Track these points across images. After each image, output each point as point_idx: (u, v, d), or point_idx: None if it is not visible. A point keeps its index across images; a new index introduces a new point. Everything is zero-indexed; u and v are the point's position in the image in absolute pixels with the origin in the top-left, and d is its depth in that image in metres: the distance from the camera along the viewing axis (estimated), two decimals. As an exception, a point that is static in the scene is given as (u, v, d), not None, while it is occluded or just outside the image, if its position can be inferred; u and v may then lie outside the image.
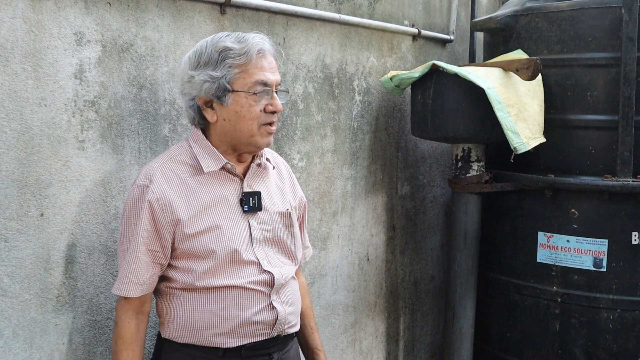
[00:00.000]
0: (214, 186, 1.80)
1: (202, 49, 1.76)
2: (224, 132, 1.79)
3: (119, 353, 1.77)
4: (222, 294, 1.77)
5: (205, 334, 1.78)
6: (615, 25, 2.74)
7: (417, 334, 3.61)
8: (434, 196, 3.59)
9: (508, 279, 3.08)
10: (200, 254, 1.75)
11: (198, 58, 1.75)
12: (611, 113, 2.77)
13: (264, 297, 1.81)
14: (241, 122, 1.75)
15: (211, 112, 1.77)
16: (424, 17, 3.38)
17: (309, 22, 2.64)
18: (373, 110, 3.07)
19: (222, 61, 1.72)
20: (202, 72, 1.73)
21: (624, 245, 2.77)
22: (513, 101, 2.73)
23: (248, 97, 1.74)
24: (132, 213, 1.74)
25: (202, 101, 1.77)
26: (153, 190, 1.72)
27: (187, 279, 1.76)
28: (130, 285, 1.74)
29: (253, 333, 1.80)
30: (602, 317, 2.81)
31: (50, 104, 1.80)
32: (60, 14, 1.81)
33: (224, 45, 1.73)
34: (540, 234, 2.94)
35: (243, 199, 1.82)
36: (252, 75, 1.73)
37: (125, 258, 1.74)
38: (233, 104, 1.74)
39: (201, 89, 1.74)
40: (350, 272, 3.04)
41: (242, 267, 1.79)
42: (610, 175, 2.76)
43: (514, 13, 3.04)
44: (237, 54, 1.72)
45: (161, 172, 1.75)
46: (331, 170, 2.85)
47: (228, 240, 1.77)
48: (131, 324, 1.77)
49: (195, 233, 1.74)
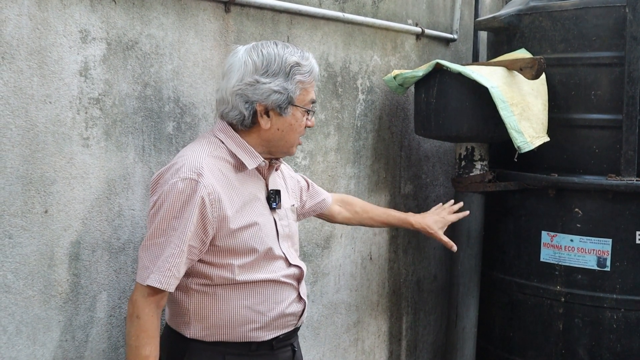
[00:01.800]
0: (248, 184, 1.86)
1: (271, 58, 1.80)
2: (270, 139, 1.87)
3: (141, 348, 1.72)
4: (259, 288, 1.84)
5: (243, 330, 1.83)
6: (619, 25, 2.74)
7: (420, 334, 3.61)
8: (437, 195, 3.59)
9: (511, 278, 3.08)
10: (242, 250, 1.80)
11: (267, 66, 1.80)
12: (615, 112, 2.76)
13: (294, 290, 1.94)
14: (291, 133, 1.87)
15: (266, 119, 1.83)
16: (427, 16, 3.38)
17: (313, 21, 2.65)
18: (376, 109, 3.07)
19: (292, 75, 1.81)
20: (274, 82, 1.79)
21: (628, 245, 2.77)
22: (517, 100, 2.73)
23: (303, 113, 1.87)
24: (176, 206, 1.71)
25: (261, 107, 1.82)
26: (205, 184, 1.72)
27: (226, 274, 1.79)
28: (172, 279, 1.71)
29: (285, 325, 1.91)
30: (605, 317, 2.80)
31: (55, 101, 1.81)
32: (66, 12, 1.81)
33: (295, 60, 1.81)
34: (543, 233, 2.94)
35: (270, 197, 1.91)
36: (309, 93, 1.87)
37: (165, 251, 1.71)
38: (291, 117, 1.85)
39: (268, 97, 1.80)
40: (353, 271, 3.04)
41: (273, 262, 1.88)
42: (614, 174, 2.76)
43: (517, 12, 3.03)
44: (305, 71, 1.83)
45: (207, 166, 1.75)
46: (334, 169, 2.85)
47: (265, 236, 1.85)
48: (155, 318, 1.75)
49: (238, 229, 1.78)
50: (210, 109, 2.26)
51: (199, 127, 2.22)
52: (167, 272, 1.71)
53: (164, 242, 1.71)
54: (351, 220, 2.47)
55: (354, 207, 2.47)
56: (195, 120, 2.21)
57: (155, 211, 1.75)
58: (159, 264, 1.71)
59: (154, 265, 1.71)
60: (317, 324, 2.85)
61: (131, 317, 1.74)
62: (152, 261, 1.72)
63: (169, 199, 1.72)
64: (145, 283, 1.71)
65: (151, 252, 1.73)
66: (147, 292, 1.73)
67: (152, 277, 1.70)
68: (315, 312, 2.83)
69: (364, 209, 2.48)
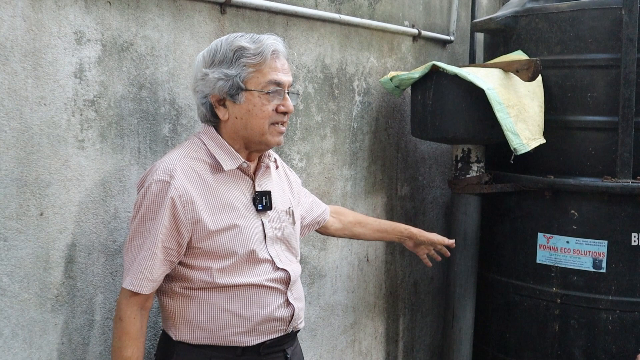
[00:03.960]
0: (229, 185, 1.82)
1: (217, 48, 1.78)
2: (235, 130, 1.81)
3: (124, 349, 1.74)
4: (241, 292, 1.80)
5: (225, 334, 1.80)
6: (615, 27, 2.74)
7: (417, 335, 3.61)
8: (433, 197, 3.59)
9: (507, 279, 3.08)
10: (220, 253, 1.77)
11: (212, 56, 1.78)
12: (611, 114, 2.77)
13: (281, 294, 1.87)
14: (253, 120, 1.79)
15: (223, 109, 1.80)
16: (424, 18, 3.38)
17: (309, 23, 2.65)
18: (373, 111, 3.07)
19: (237, 60, 1.76)
20: (217, 70, 1.76)
21: (624, 247, 2.77)
22: (513, 102, 2.73)
23: (261, 97, 1.78)
24: (150, 208, 1.72)
25: (214, 99, 1.79)
26: (176, 186, 1.72)
27: (205, 277, 1.77)
28: (144, 282, 1.72)
29: (272, 330, 1.86)
30: (601, 319, 2.81)
31: (50, 103, 1.80)
32: (60, 13, 1.81)
33: (239, 44, 1.76)
34: (539, 235, 2.94)
35: (256, 198, 1.86)
36: (266, 75, 1.77)
37: (140, 253, 1.72)
38: (246, 102, 1.78)
39: (215, 86, 1.77)
40: (349, 272, 3.04)
41: (257, 265, 1.83)
42: (610, 176, 2.77)
43: (514, 14, 3.04)
44: (252, 53, 1.76)
45: (181, 168, 1.75)
46: (331, 170, 2.85)
47: (246, 239, 1.80)
48: (137, 320, 1.75)
49: (215, 231, 1.76)
50: (206, 111, 2.26)
51: (194, 129, 2.21)
52: (139, 274, 1.72)
53: (140, 244, 1.73)
54: (344, 231, 2.42)
55: (347, 217, 2.43)
56: (192, 122, 2.20)
57: (134, 214, 1.77)
58: (134, 267, 1.73)
59: (131, 267, 1.74)
60: (314, 326, 2.85)
61: (115, 319, 1.77)
62: (130, 263, 1.74)
63: (145, 202, 1.73)
64: (122, 285, 1.75)
65: (130, 255, 1.75)
66: (128, 294, 1.74)
67: (127, 279, 1.73)
68: (312, 313, 2.82)
69: (357, 220, 2.45)
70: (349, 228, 2.43)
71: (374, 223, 2.49)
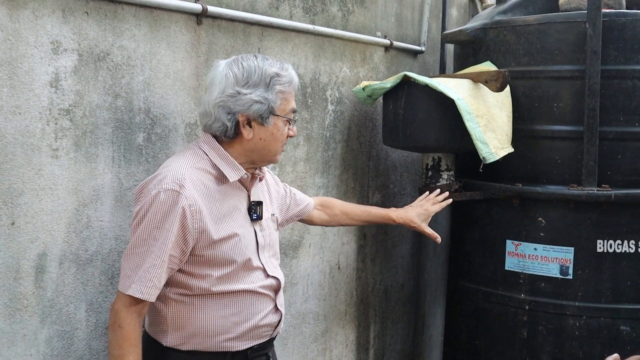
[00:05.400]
0: (230, 195, 1.89)
1: (252, 69, 1.85)
2: (254, 149, 1.90)
3: (125, 356, 1.74)
4: (235, 298, 1.86)
5: (218, 340, 1.85)
6: (580, 39, 2.81)
7: (387, 342, 3.64)
8: (404, 204, 3.61)
9: (477, 286, 3.13)
10: (221, 261, 1.83)
11: (247, 77, 1.84)
12: (576, 124, 2.83)
13: (271, 301, 1.97)
14: (273, 142, 1.91)
15: (249, 129, 1.87)
16: (396, 29, 3.43)
17: (284, 33, 2.67)
18: (345, 120, 3.10)
19: (273, 86, 1.85)
20: (254, 92, 1.83)
21: (590, 253, 2.83)
22: (482, 112, 2.78)
23: (284, 122, 1.91)
24: (157, 216, 1.74)
25: (243, 118, 1.85)
26: (186, 195, 1.75)
27: (203, 284, 1.82)
28: (152, 290, 1.74)
29: (260, 335, 1.93)
30: (568, 324, 2.86)
31: (24, 112, 1.79)
32: (38, 23, 1.80)
33: (275, 71, 1.86)
34: (508, 242, 2.99)
35: (252, 208, 1.93)
36: (290, 103, 1.91)
37: (146, 261, 1.73)
38: (272, 126, 1.89)
39: (249, 107, 1.84)
40: (321, 280, 3.06)
41: (251, 273, 1.90)
42: (576, 184, 2.82)
43: (483, 26, 3.10)
44: (284, 81, 1.88)
45: (189, 178, 1.78)
46: (303, 179, 2.87)
47: (244, 248, 1.87)
48: (137, 327, 1.77)
49: (218, 240, 1.81)
50: (181, 120, 2.26)
51: (169, 138, 2.22)
52: (148, 282, 1.73)
53: (146, 251, 1.74)
54: (330, 222, 2.52)
55: (333, 210, 2.50)
56: (166, 131, 2.21)
57: (138, 221, 1.77)
58: (140, 274, 1.73)
59: (135, 275, 1.74)
60: (285, 334, 2.85)
61: (113, 326, 1.76)
62: (134, 270, 1.74)
63: (151, 210, 1.75)
64: (127, 292, 1.74)
65: (133, 262, 1.75)
66: (129, 302, 1.75)
67: (133, 286, 1.73)
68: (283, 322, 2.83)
69: (343, 211, 2.52)
70: (335, 220, 2.53)
71: (362, 215, 2.58)
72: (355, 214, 2.55)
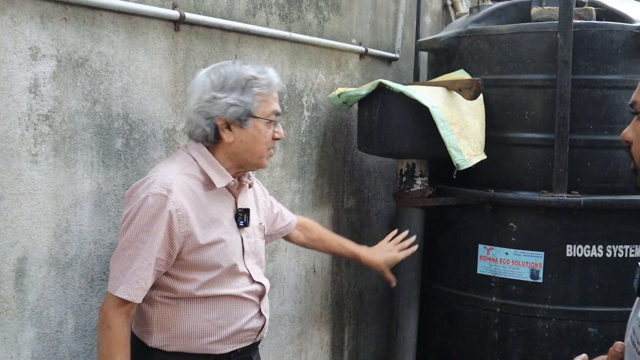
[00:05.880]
0: (217, 201, 1.91)
1: (227, 74, 1.88)
2: (236, 153, 1.92)
3: (114, 356, 1.78)
4: (220, 302, 1.89)
5: (202, 342, 1.88)
6: (551, 49, 2.87)
7: (362, 344, 3.68)
8: (378, 209, 3.67)
9: (450, 290, 3.18)
10: (206, 266, 1.86)
11: (223, 82, 1.87)
12: (547, 132, 2.89)
13: (255, 306, 1.99)
14: (256, 145, 1.92)
15: (229, 133, 1.89)
16: (371, 36, 3.47)
17: (260, 40, 2.69)
18: (321, 126, 3.13)
19: (249, 88, 1.87)
20: (229, 96, 1.85)
21: (559, 258, 2.89)
22: (456, 119, 2.83)
23: (265, 124, 1.91)
24: (144, 219, 1.77)
25: (222, 122, 1.88)
26: (173, 200, 1.78)
27: (188, 288, 1.85)
28: (139, 291, 1.78)
29: (243, 339, 1.96)
30: (538, 327, 2.92)
31: (4, 117, 1.79)
32: (16, 29, 1.81)
33: (251, 74, 1.88)
34: (480, 246, 3.04)
35: (238, 215, 1.96)
36: (270, 105, 1.92)
37: (133, 263, 1.77)
38: (252, 128, 1.90)
39: (226, 111, 1.86)
40: (297, 283, 3.09)
41: (236, 278, 1.93)
42: (547, 190, 2.88)
43: (457, 34, 3.15)
44: (262, 83, 1.89)
45: (177, 183, 1.81)
46: (279, 184, 2.90)
47: (230, 253, 1.90)
48: (125, 327, 1.81)
49: (204, 245, 1.84)
50: (159, 126, 2.28)
51: (147, 144, 2.23)
52: (135, 284, 1.77)
53: (133, 254, 1.78)
54: (305, 244, 2.54)
55: (312, 235, 2.52)
56: (144, 136, 2.22)
57: (127, 224, 1.81)
58: (127, 276, 1.77)
59: (123, 277, 1.78)
60: (262, 337, 2.88)
61: (102, 327, 1.80)
62: (122, 272, 1.78)
63: (139, 213, 1.78)
64: (114, 294, 1.78)
65: (121, 264, 1.79)
66: (118, 303, 1.79)
67: (121, 288, 1.77)
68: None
69: (320, 238, 2.53)
70: (311, 244, 2.54)
71: (336, 247, 2.59)
72: (331, 245, 2.56)
